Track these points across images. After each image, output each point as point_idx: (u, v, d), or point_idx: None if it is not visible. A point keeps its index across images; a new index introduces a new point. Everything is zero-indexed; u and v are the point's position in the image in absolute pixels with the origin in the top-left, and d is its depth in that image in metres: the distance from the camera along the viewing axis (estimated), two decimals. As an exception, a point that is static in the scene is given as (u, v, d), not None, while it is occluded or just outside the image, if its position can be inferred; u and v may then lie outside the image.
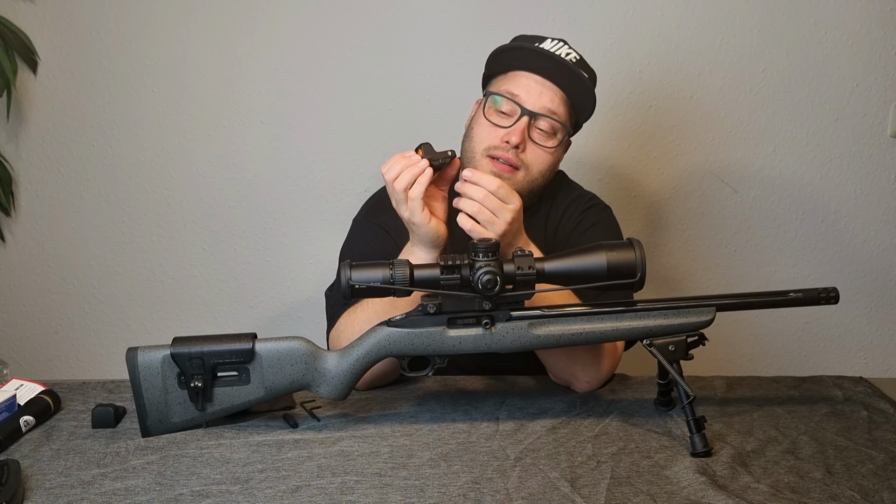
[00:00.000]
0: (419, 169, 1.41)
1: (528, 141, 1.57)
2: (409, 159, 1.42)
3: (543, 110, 1.57)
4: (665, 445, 1.32)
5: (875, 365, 2.43)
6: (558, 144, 1.60)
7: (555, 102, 1.58)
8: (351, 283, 1.33)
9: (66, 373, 2.45)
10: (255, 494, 1.17)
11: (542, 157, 1.59)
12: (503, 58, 1.63)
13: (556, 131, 1.59)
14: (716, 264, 2.38)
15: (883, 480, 1.20)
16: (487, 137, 1.58)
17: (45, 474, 1.24)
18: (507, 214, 1.41)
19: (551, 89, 1.58)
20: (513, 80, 1.60)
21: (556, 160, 1.64)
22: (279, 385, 1.38)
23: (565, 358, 1.52)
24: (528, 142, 1.57)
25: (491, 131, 1.58)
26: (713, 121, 2.30)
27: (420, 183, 1.41)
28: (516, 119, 1.56)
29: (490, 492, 1.17)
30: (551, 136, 1.59)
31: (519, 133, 1.56)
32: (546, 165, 1.60)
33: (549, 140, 1.59)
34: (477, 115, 1.63)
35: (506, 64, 1.62)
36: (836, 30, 2.26)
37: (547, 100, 1.58)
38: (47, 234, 2.41)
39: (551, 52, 1.59)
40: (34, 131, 2.35)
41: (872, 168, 2.33)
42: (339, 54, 2.28)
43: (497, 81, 1.63)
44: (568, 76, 1.59)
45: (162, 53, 2.30)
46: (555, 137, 1.59)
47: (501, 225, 1.41)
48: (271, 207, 2.37)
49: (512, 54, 1.62)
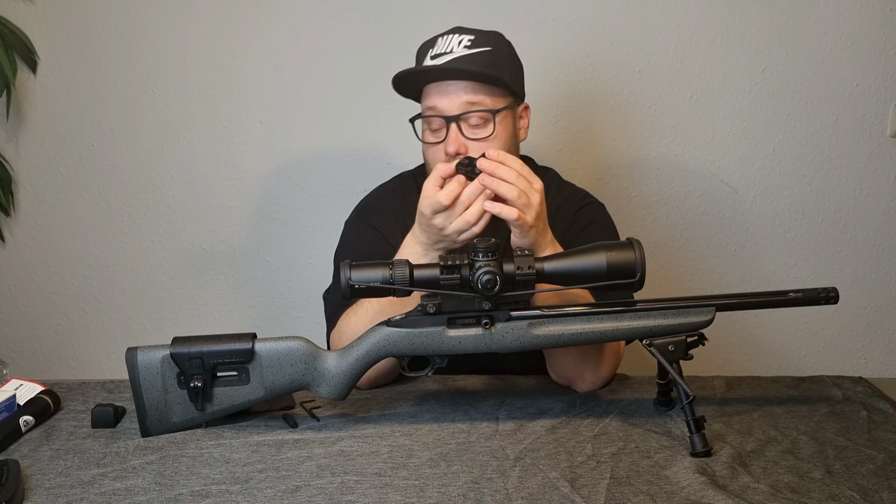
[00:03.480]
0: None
1: (466, 142, 1.58)
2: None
3: (462, 108, 1.58)
4: (665, 445, 1.32)
5: (875, 365, 2.42)
6: (495, 128, 1.59)
7: (468, 95, 1.58)
8: (351, 283, 1.33)
9: (65, 373, 2.45)
10: (254, 494, 1.17)
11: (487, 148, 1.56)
12: (406, 85, 1.64)
13: (487, 119, 1.59)
14: (716, 264, 2.37)
15: (883, 480, 1.20)
16: (434, 157, 1.60)
17: (44, 474, 1.24)
18: (536, 195, 1.42)
19: (459, 86, 1.58)
20: (426, 97, 1.62)
21: (508, 139, 1.62)
22: (279, 385, 1.38)
23: (576, 356, 1.51)
24: (468, 142, 1.58)
25: (434, 151, 1.61)
26: (713, 121, 2.30)
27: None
28: (446, 129, 1.58)
29: (490, 492, 1.17)
30: (484, 125, 1.59)
31: (453, 141, 1.57)
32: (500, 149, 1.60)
33: (484, 129, 1.59)
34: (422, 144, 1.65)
35: (413, 87, 1.65)
36: (836, 30, 2.26)
37: (462, 97, 1.58)
38: (47, 234, 2.41)
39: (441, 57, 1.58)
40: (34, 131, 2.35)
41: (872, 168, 2.33)
42: (340, 54, 2.28)
43: (421, 103, 1.65)
44: (468, 62, 1.58)
45: (162, 53, 2.30)
46: (488, 124, 1.59)
47: (533, 210, 1.41)
48: (271, 207, 2.37)
49: (409, 78, 1.63)
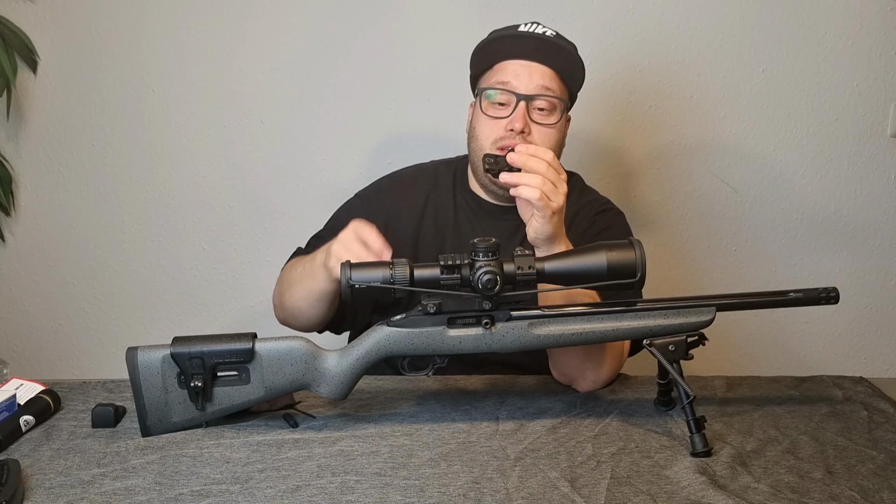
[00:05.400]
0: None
1: (531, 123, 1.59)
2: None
3: (538, 90, 1.59)
4: (665, 445, 1.32)
5: (875, 365, 2.42)
6: (560, 118, 1.62)
7: (546, 79, 1.60)
8: (351, 282, 1.33)
9: (66, 372, 2.45)
10: (255, 494, 1.17)
11: (549, 135, 1.61)
12: (485, 53, 1.65)
13: (555, 107, 1.61)
14: (716, 264, 2.37)
15: (883, 480, 1.20)
16: (492, 132, 1.60)
17: (45, 474, 1.24)
18: (563, 185, 1.43)
19: (539, 68, 1.60)
20: (500, 71, 1.62)
21: (563, 135, 1.67)
22: (279, 385, 1.38)
23: (580, 354, 1.51)
24: (532, 124, 1.59)
25: (493, 125, 1.60)
26: (713, 121, 2.30)
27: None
28: (514, 106, 1.58)
29: (490, 492, 1.17)
30: (552, 112, 1.61)
31: (521, 118, 1.58)
32: (555, 142, 1.62)
33: (551, 117, 1.61)
34: (476, 115, 1.64)
35: (489, 58, 1.64)
36: (836, 30, 2.26)
37: (538, 78, 1.59)
38: (47, 234, 2.41)
39: (530, 33, 1.61)
40: (34, 131, 2.35)
41: (872, 168, 2.33)
42: (340, 54, 2.28)
43: (485, 77, 1.65)
44: (551, 50, 1.61)
45: (162, 53, 2.30)
46: (555, 113, 1.62)
47: (561, 196, 1.42)
48: (271, 207, 2.37)
49: (492, 46, 1.64)
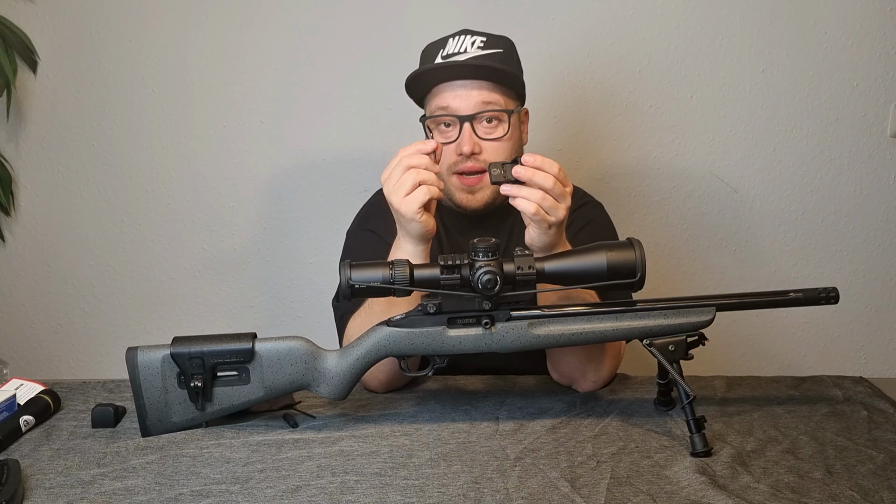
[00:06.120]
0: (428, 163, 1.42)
1: (480, 142, 1.58)
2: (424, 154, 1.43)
3: (478, 107, 1.57)
4: (665, 445, 1.32)
5: (875, 365, 2.42)
6: (508, 128, 1.60)
7: (484, 94, 1.58)
8: (351, 282, 1.33)
9: (66, 372, 2.45)
10: (255, 494, 1.17)
11: (501, 148, 1.59)
12: (418, 83, 1.63)
13: (500, 119, 1.60)
14: (716, 264, 2.37)
15: (883, 480, 1.20)
16: (445, 158, 1.58)
17: (44, 474, 1.24)
18: (567, 199, 1.42)
19: (474, 85, 1.58)
20: (438, 96, 1.60)
21: (517, 141, 1.64)
22: (279, 385, 1.38)
23: (580, 355, 1.51)
24: (482, 142, 1.58)
25: (446, 150, 1.59)
26: (713, 121, 2.30)
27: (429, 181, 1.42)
28: (459, 129, 1.57)
29: (490, 492, 1.17)
30: (499, 124, 1.59)
31: (468, 141, 1.57)
32: (510, 151, 1.60)
33: (498, 129, 1.59)
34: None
35: (424, 86, 1.63)
36: (836, 30, 2.26)
37: (476, 95, 1.57)
38: (47, 234, 2.41)
39: (456, 57, 1.58)
40: (34, 131, 2.35)
41: (872, 168, 2.33)
42: (340, 54, 2.28)
43: (427, 104, 1.64)
44: (482, 65, 1.58)
45: (162, 53, 2.30)
46: (502, 124, 1.60)
47: (563, 210, 1.41)
48: (271, 207, 2.37)
49: (423, 78, 1.62)
